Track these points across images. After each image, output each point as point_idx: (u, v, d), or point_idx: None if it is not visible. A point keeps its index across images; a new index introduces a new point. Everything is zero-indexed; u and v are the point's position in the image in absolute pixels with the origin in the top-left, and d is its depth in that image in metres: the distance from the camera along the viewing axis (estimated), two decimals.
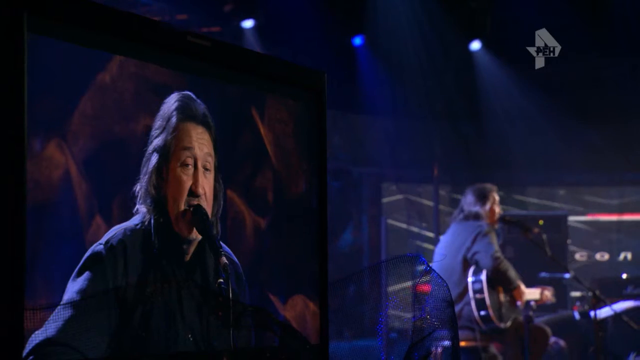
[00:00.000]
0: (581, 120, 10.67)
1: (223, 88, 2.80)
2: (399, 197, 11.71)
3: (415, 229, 11.65)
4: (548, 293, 8.32)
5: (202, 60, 2.71)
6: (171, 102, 2.68)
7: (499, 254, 7.73)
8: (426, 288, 3.02)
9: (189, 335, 2.64)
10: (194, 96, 2.72)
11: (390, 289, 3.14)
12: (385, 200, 11.50)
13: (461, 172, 11.22)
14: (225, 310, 2.62)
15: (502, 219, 8.45)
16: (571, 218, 11.36)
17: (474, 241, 7.83)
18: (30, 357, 2.28)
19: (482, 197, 8.05)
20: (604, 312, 8.56)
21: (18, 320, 2.21)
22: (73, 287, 2.43)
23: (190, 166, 2.69)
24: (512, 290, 7.84)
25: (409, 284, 3.06)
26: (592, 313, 8.19)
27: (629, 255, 11.93)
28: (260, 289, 2.86)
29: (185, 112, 2.69)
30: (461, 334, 7.82)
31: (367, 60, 10.51)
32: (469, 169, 11.17)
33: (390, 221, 11.00)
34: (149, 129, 2.62)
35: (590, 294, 8.19)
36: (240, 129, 2.84)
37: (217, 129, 2.76)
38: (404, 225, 11.71)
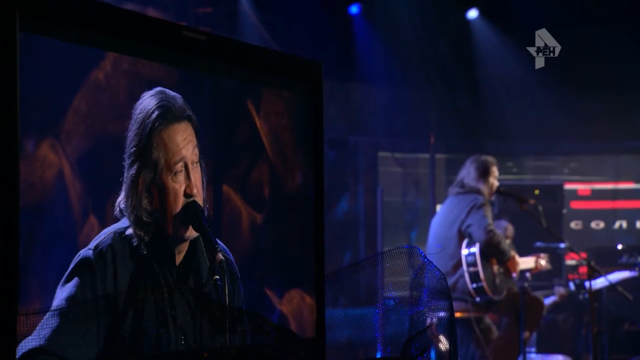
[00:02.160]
0: (577, 90, 10.62)
1: (218, 82, 2.75)
2: (395, 166, 11.66)
3: (411, 198, 11.62)
4: (542, 261, 8.32)
5: (197, 55, 2.65)
6: (148, 107, 2.59)
7: (491, 227, 7.71)
8: (423, 281, 2.99)
9: (182, 339, 2.61)
10: (167, 91, 2.63)
11: (387, 279, 3.10)
12: (381, 169, 11.45)
13: (457, 141, 11.17)
14: (221, 312, 2.58)
15: (498, 190, 8.42)
16: (567, 187, 11.33)
17: (468, 213, 7.81)
18: None
19: (485, 173, 8.01)
20: (599, 283, 8.55)
21: (11, 326, 2.18)
22: (62, 294, 2.39)
23: (182, 172, 2.64)
24: (505, 262, 7.83)
25: (406, 278, 3.02)
26: (587, 283, 8.17)
27: (624, 224, 11.91)
28: (256, 284, 2.83)
29: (166, 116, 2.60)
30: (456, 305, 7.82)
31: (364, 29, 10.43)
32: (466, 138, 11.12)
33: (386, 190, 10.96)
34: None
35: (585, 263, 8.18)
36: (236, 123, 2.80)
37: (210, 122, 2.71)
38: (399, 194, 11.68)
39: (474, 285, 7.72)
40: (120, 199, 2.56)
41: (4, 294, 2.17)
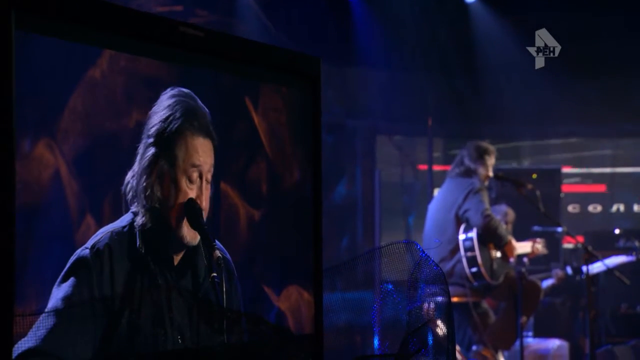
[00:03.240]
0: (576, 73, 10.58)
1: (216, 78, 2.72)
2: (393, 149, 11.65)
3: (408, 182, 11.61)
4: (539, 245, 8.33)
5: (195, 51, 2.63)
6: (172, 104, 2.59)
7: (489, 212, 7.71)
8: (422, 277, 2.97)
9: (179, 338, 2.59)
10: (195, 97, 2.64)
11: (384, 274, 3.09)
12: (379, 152, 11.43)
13: (455, 125, 11.15)
14: (219, 312, 2.57)
15: (496, 175, 8.42)
16: (564, 170, 11.33)
17: (465, 198, 7.81)
18: None
19: (480, 157, 8.00)
20: (596, 268, 8.56)
21: (7, 327, 2.16)
22: (58, 294, 2.37)
23: (196, 181, 2.64)
24: (503, 247, 7.83)
25: (404, 272, 3.01)
26: (584, 268, 8.17)
27: (622, 207, 11.92)
28: (254, 281, 2.81)
29: (190, 120, 2.61)
30: (453, 290, 7.83)
31: (362, 12, 10.38)
32: (463, 121, 11.10)
33: (383, 173, 10.95)
34: (140, 123, 2.55)
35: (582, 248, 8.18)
36: (234, 119, 2.77)
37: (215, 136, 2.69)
38: (397, 178, 11.67)
39: (472, 270, 7.73)
40: (129, 177, 2.55)
41: (0, 295, 2.16)
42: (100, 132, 2.43)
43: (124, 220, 2.55)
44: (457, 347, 8.00)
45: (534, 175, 10.30)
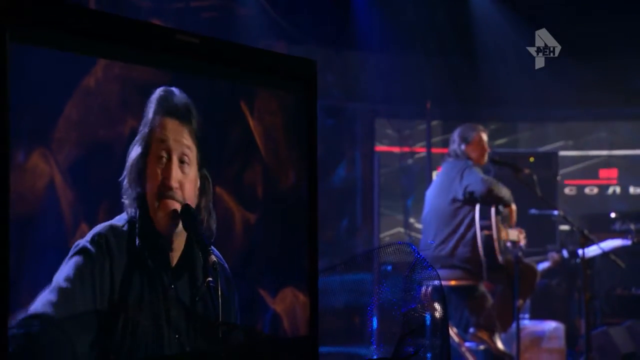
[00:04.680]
0: (572, 56, 10.51)
1: (211, 84, 2.69)
2: (392, 132, 11.62)
3: (407, 164, 11.59)
4: (522, 236, 8.31)
5: (191, 58, 2.59)
6: (152, 96, 2.57)
7: (485, 177, 7.69)
8: (417, 278, 2.95)
9: (175, 337, 2.57)
10: (176, 90, 2.60)
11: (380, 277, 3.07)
12: (378, 135, 11.41)
13: (454, 108, 11.12)
14: (213, 316, 2.55)
15: (492, 160, 8.39)
16: (561, 153, 11.29)
17: (461, 177, 7.77)
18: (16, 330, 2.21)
19: (464, 138, 7.96)
20: (592, 251, 8.54)
21: (2, 336, 2.14)
22: (59, 276, 2.34)
23: (164, 159, 2.58)
24: (507, 207, 7.82)
25: (400, 273, 2.99)
26: (580, 252, 8.16)
27: (618, 189, 11.90)
28: (250, 284, 2.78)
29: (162, 104, 2.57)
30: (452, 273, 7.83)
31: None
32: (462, 104, 11.07)
33: (382, 156, 10.94)
34: (135, 131, 2.52)
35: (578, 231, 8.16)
36: (229, 124, 2.74)
37: (203, 124, 2.65)
38: (396, 160, 11.65)
39: (486, 247, 7.72)
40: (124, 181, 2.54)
41: None
42: (96, 140, 2.40)
43: (121, 219, 2.52)
44: (455, 330, 8.00)
45: (531, 159, 10.27)
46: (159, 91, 2.57)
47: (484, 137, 8.07)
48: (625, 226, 9.35)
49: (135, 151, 2.52)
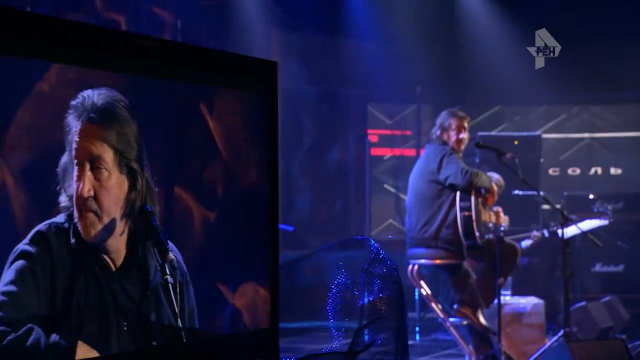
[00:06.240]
0: (557, 41, 10.39)
1: (170, 86, 2.59)
2: (384, 117, 11.53)
3: (398, 150, 11.51)
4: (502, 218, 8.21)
5: (150, 61, 2.49)
6: (72, 102, 2.43)
7: (466, 168, 7.58)
8: (375, 272, 2.87)
9: (126, 335, 2.48)
10: (99, 93, 2.45)
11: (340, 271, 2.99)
12: (370, 120, 11.31)
13: (443, 94, 11.00)
14: (171, 312, 2.47)
15: (477, 143, 8.28)
16: (545, 135, 11.19)
17: (440, 164, 7.66)
18: None
19: (441, 124, 7.84)
20: (572, 231, 8.45)
21: None
22: (3, 280, 2.25)
23: (78, 166, 2.45)
24: (488, 190, 7.72)
25: (359, 267, 2.91)
26: (559, 231, 8.07)
27: (599, 170, 11.82)
28: (208, 280, 2.70)
29: (79, 109, 2.42)
30: (437, 252, 7.76)
31: None
32: (450, 90, 10.96)
33: (374, 140, 10.86)
34: None
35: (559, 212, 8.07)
36: (187, 125, 2.65)
37: (150, 126, 2.52)
38: (387, 144, 11.56)
39: (466, 228, 7.62)
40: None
41: None
42: (49, 143, 2.31)
43: (62, 216, 2.42)
44: (439, 306, 7.94)
45: (516, 142, 10.16)
46: (79, 95, 2.43)
47: (462, 124, 7.93)
48: (602, 207, 9.27)
49: (63, 158, 2.41)
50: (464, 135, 7.82)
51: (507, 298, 8.75)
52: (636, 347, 7.22)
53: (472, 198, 7.60)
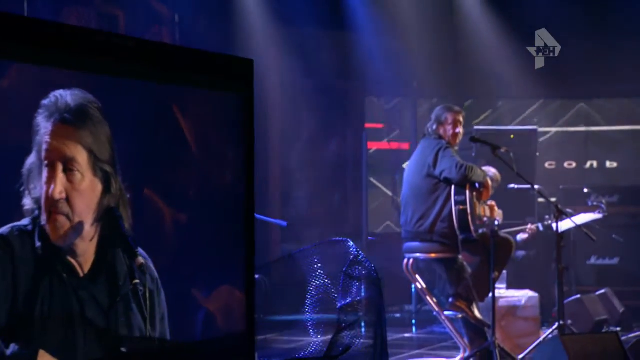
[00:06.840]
0: (554, 36, 10.28)
1: (141, 85, 2.47)
2: (381, 110, 11.43)
3: (395, 143, 11.41)
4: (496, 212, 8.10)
5: (121, 61, 2.38)
6: (43, 101, 2.32)
7: (461, 162, 7.47)
8: (355, 273, 2.77)
9: (93, 340, 2.37)
10: (72, 93, 2.33)
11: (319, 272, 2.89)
12: (368, 113, 11.21)
13: (440, 88, 10.89)
14: (140, 317, 2.36)
15: (472, 138, 8.17)
16: (541, 129, 11.07)
17: (436, 158, 7.55)
18: None
19: (437, 118, 7.73)
20: (567, 224, 8.35)
21: None
22: None
23: (48, 168, 2.35)
24: (483, 184, 7.62)
25: (338, 268, 2.81)
26: (554, 225, 7.97)
27: (595, 164, 11.71)
28: (181, 285, 2.59)
29: (51, 109, 2.32)
30: (433, 246, 7.65)
31: None
32: (447, 84, 10.84)
33: (372, 133, 10.75)
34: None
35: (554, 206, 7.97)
36: (159, 127, 2.53)
37: (123, 127, 2.41)
38: (385, 137, 11.46)
39: (461, 222, 7.52)
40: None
41: None
42: (9, 141, 2.19)
43: (26, 220, 2.31)
44: (434, 300, 7.85)
45: (512, 136, 10.05)
46: (51, 95, 2.32)
47: (458, 118, 7.81)
48: (597, 201, 9.16)
49: (30, 159, 2.30)
50: (460, 130, 7.71)
51: (502, 291, 8.64)
52: (631, 339, 7.13)
53: (467, 192, 7.50)
